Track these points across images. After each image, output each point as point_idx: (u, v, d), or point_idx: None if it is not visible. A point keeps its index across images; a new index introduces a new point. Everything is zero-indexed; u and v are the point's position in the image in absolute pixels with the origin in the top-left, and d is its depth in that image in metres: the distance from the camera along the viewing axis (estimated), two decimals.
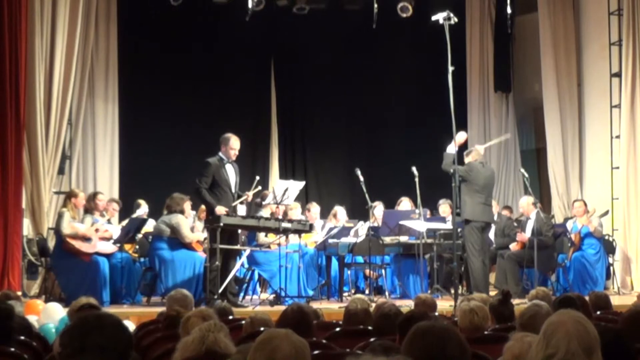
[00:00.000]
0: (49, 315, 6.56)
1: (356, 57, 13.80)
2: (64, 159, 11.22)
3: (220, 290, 8.68)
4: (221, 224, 8.64)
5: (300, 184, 9.63)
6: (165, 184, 11.40)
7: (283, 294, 9.15)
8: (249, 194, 9.27)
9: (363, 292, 10.62)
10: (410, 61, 13.71)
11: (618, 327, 3.84)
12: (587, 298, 6.05)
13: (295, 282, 9.67)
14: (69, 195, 9.51)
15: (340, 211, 11.31)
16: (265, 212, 9.78)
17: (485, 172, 9.89)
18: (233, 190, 9.12)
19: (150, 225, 10.22)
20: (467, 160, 9.83)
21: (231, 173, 9.12)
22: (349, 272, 10.97)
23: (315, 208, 11.25)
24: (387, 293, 10.26)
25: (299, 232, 9.57)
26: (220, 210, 8.80)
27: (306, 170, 13.74)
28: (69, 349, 2.68)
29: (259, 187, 9.59)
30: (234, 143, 9.12)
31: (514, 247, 10.70)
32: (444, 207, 11.19)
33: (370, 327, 4.84)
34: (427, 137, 13.43)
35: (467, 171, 9.66)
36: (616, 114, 12.01)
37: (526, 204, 10.83)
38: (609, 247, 11.32)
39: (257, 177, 9.53)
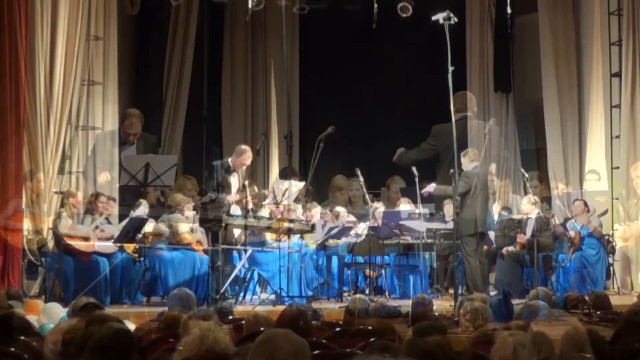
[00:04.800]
0: (49, 315, 6.55)
1: (356, 57, 13.78)
2: (64, 159, 11.21)
3: (222, 291, 8.70)
4: (223, 224, 8.65)
5: (300, 184, 9.63)
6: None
7: (283, 294, 9.15)
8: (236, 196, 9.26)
9: (363, 292, 10.60)
10: (410, 61, 13.70)
11: (617, 327, 3.84)
12: (587, 298, 6.05)
13: (296, 282, 9.67)
14: (67, 195, 9.50)
15: (342, 212, 11.33)
16: (264, 212, 9.78)
17: (481, 174, 9.81)
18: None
19: (149, 226, 10.21)
20: (464, 160, 9.75)
21: (234, 182, 9.20)
22: (349, 272, 10.96)
23: (315, 208, 11.23)
24: (387, 293, 10.25)
25: (301, 232, 9.57)
26: (230, 198, 8.89)
27: (306, 170, 13.72)
28: (71, 348, 2.68)
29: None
30: (247, 158, 9.20)
31: (507, 251, 10.65)
32: (449, 207, 11.14)
33: (370, 327, 4.85)
34: (427, 137, 13.43)
35: (467, 188, 9.47)
36: (616, 114, 12.00)
37: (527, 203, 10.80)
38: (608, 247, 11.31)
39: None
